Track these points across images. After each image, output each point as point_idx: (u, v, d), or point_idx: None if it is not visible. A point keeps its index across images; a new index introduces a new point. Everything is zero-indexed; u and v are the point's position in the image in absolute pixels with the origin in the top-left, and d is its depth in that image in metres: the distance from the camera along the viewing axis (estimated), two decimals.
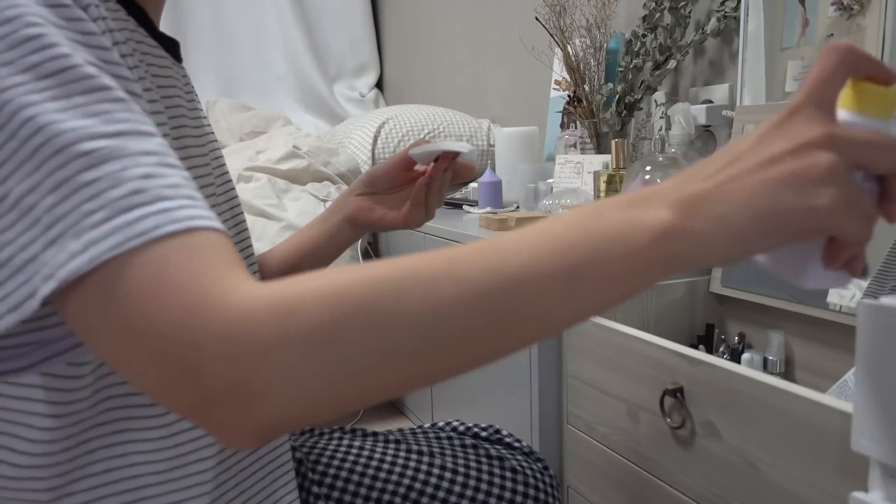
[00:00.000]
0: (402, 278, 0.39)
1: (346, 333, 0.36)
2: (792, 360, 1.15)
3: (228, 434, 0.37)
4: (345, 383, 0.37)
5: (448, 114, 2.31)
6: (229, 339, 0.36)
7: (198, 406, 0.37)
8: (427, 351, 0.38)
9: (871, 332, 0.46)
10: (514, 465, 0.82)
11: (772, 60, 1.20)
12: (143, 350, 0.37)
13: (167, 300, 0.36)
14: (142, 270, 0.37)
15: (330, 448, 0.80)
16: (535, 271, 0.38)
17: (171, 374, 0.36)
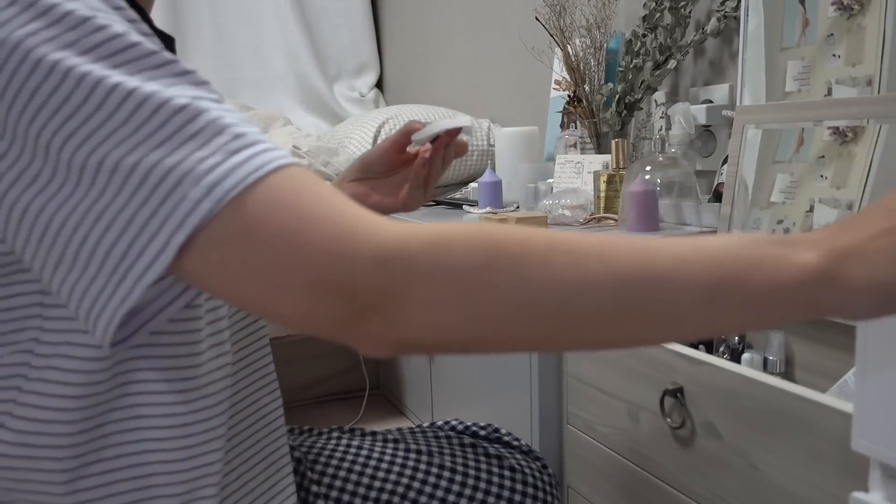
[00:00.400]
0: (554, 244, 0.40)
1: (495, 278, 0.39)
2: (792, 360, 1.15)
3: (371, 343, 0.40)
4: (482, 324, 0.39)
5: (448, 114, 2.31)
6: (386, 264, 0.39)
7: (347, 320, 0.40)
8: (563, 316, 0.40)
9: (870, 332, 0.46)
10: (513, 463, 0.82)
11: (772, 60, 1.20)
12: (296, 283, 0.39)
13: (314, 234, 0.39)
14: (273, 204, 0.40)
15: (329, 447, 0.80)
16: (679, 275, 0.40)
17: (325, 299, 0.39)
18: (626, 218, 1.28)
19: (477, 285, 0.39)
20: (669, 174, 1.32)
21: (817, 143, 1.10)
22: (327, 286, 0.39)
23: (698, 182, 1.38)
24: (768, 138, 1.19)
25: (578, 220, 1.41)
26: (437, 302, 0.39)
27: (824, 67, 1.12)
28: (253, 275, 0.40)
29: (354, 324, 0.40)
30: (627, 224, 1.27)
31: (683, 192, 1.32)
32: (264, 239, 0.40)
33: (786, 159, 1.15)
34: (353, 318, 0.39)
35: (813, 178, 1.10)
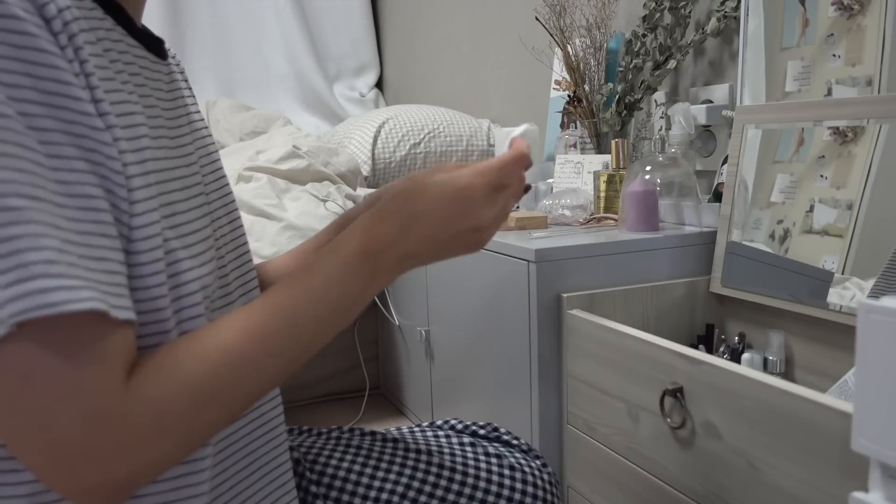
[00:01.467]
0: (238, 367, 0.49)
1: (204, 415, 0.48)
2: (792, 360, 1.15)
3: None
4: (192, 446, 0.49)
5: (448, 114, 2.31)
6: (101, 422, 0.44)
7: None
8: (250, 404, 0.52)
9: (871, 332, 0.46)
10: (513, 462, 0.82)
11: (772, 60, 1.20)
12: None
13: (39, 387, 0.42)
14: (15, 355, 0.41)
15: (328, 447, 0.80)
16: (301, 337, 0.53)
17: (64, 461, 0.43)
18: (626, 218, 1.28)
19: (189, 429, 0.47)
20: (669, 174, 1.32)
21: (817, 143, 1.10)
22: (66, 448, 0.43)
23: (698, 182, 1.38)
24: (768, 138, 1.19)
25: (578, 220, 1.41)
26: (159, 453, 0.46)
27: (824, 67, 1.12)
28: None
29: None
30: (627, 224, 1.27)
31: (683, 192, 1.33)
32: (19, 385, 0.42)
33: (786, 159, 1.15)
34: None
35: (813, 177, 1.10)
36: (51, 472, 0.43)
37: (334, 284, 0.54)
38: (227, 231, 0.66)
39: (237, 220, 0.69)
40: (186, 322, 0.53)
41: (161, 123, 0.57)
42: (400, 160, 2.19)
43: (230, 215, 0.68)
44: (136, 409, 0.44)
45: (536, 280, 1.15)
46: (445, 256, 0.60)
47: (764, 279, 1.16)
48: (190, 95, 0.67)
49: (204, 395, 0.47)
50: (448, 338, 1.58)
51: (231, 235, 0.67)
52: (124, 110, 0.51)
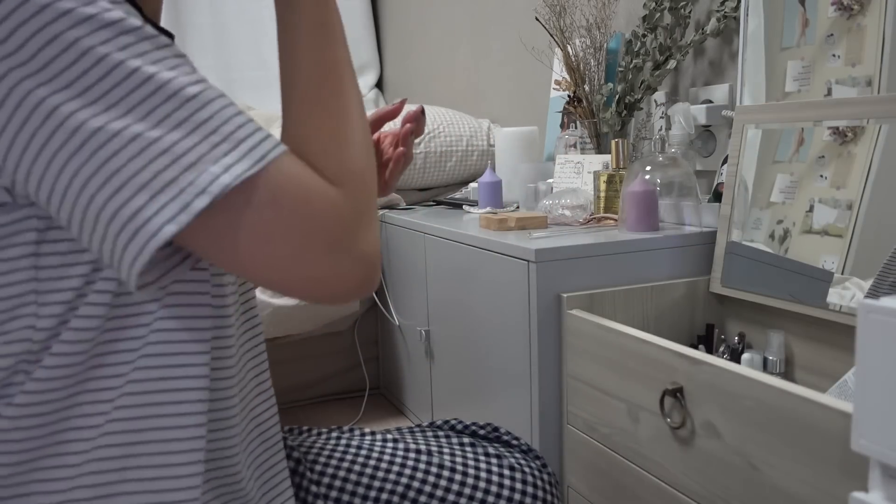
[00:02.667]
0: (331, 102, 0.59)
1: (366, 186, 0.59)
2: (792, 360, 1.15)
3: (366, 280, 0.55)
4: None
5: (448, 114, 2.31)
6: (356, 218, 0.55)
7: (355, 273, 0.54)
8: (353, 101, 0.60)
9: (870, 332, 0.46)
10: (513, 462, 0.82)
11: (772, 60, 1.20)
12: (316, 245, 0.52)
13: (314, 204, 0.51)
14: (280, 182, 0.50)
15: (328, 447, 0.80)
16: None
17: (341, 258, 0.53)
18: (626, 218, 1.28)
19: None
20: (669, 174, 1.32)
21: (817, 143, 1.10)
22: (325, 238, 0.52)
23: (698, 182, 1.38)
24: (768, 138, 1.19)
25: (578, 220, 1.41)
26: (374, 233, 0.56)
27: (824, 67, 1.12)
28: (265, 236, 0.50)
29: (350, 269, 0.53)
30: (627, 224, 1.28)
31: (683, 192, 1.33)
32: (276, 204, 0.50)
33: (786, 159, 1.15)
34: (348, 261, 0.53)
35: (813, 177, 1.10)
36: (332, 266, 0.52)
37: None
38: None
39: None
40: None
41: None
42: None
43: None
44: (346, 186, 0.54)
45: (536, 280, 1.15)
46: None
47: (764, 279, 1.16)
48: None
49: (339, 134, 0.57)
50: (448, 338, 1.58)
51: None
52: None
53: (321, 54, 0.59)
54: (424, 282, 1.68)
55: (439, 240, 1.55)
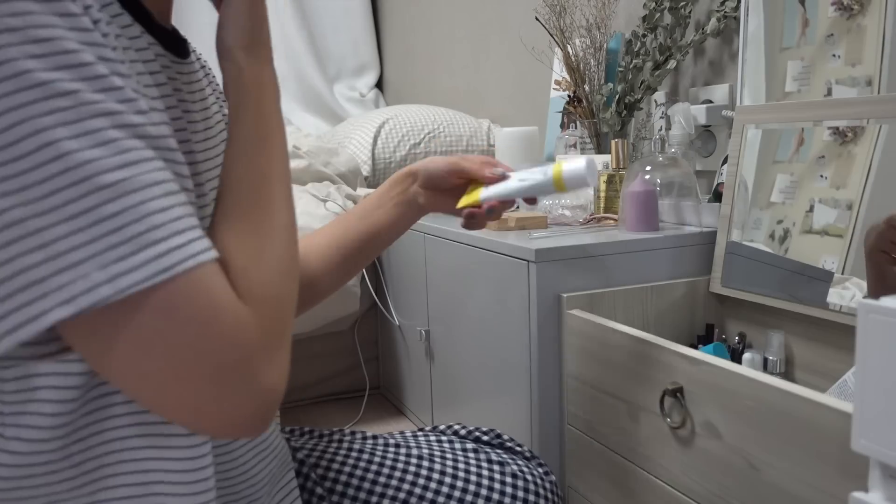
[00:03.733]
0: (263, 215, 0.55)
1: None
2: (792, 360, 1.15)
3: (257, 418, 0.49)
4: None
5: (448, 114, 2.31)
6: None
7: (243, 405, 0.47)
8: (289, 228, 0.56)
9: (870, 332, 0.46)
10: (515, 469, 0.82)
11: (772, 60, 1.20)
12: (201, 370, 0.45)
13: (216, 325, 0.45)
14: (185, 293, 0.44)
15: (330, 450, 0.80)
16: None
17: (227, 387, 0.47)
18: (626, 218, 1.28)
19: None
20: (669, 174, 1.32)
21: (817, 143, 1.10)
22: (223, 370, 0.46)
23: (698, 182, 1.38)
24: (768, 138, 1.19)
25: (578, 220, 1.41)
26: (283, 360, 0.51)
27: (824, 67, 1.12)
28: (155, 352, 0.44)
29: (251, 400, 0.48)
30: (627, 224, 1.28)
31: (683, 192, 1.33)
32: (169, 323, 0.44)
33: (786, 159, 1.15)
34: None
35: (813, 178, 1.10)
36: (220, 396, 0.46)
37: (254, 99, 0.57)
38: None
39: None
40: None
41: (183, 126, 0.57)
42: (400, 160, 2.19)
43: None
44: (256, 310, 0.48)
45: (536, 280, 1.15)
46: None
47: (764, 279, 1.16)
48: (211, 92, 0.67)
49: (261, 252, 0.52)
50: (448, 338, 1.58)
51: None
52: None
53: (254, 168, 0.54)
54: (424, 282, 1.68)
55: (439, 240, 1.55)
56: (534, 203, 0.82)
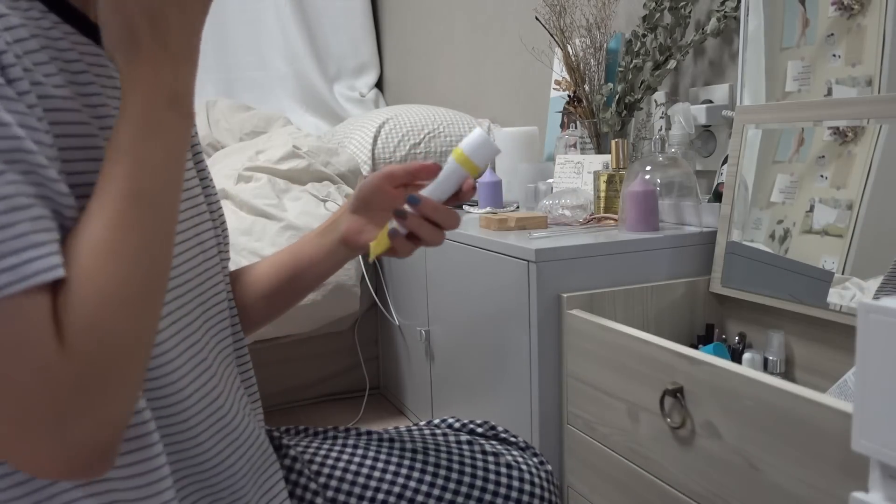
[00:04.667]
0: (120, 260, 0.48)
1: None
2: (792, 360, 1.15)
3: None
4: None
5: (448, 114, 2.31)
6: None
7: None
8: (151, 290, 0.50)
9: (870, 332, 0.46)
10: (510, 460, 0.82)
11: (772, 60, 1.20)
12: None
13: (14, 362, 0.42)
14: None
15: (324, 447, 0.80)
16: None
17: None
18: (626, 218, 1.28)
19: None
20: (669, 174, 1.32)
21: (817, 143, 1.10)
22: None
23: (698, 182, 1.38)
24: (768, 138, 1.19)
25: (578, 220, 1.41)
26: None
27: (824, 67, 1.12)
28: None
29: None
30: (627, 224, 1.27)
31: (683, 192, 1.33)
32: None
33: (786, 159, 1.15)
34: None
35: (813, 177, 1.10)
36: (27, 439, 0.43)
37: (147, 147, 0.49)
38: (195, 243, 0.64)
39: (218, 220, 0.69)
40: None
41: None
42: (400, 160, 2.19)
43: (215, 214, 0.68)
44: (75, 348, 0.44)
45: (536, 280, 1.15)
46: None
47: (764, 279, 1.16)
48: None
49: (112, 302, 0.46)
50: (448, 338, 1.58)
51: (199, 249, 0.64)
52: (63, 105, 0.51)
53: (115, 181, 0.48)
54: (424, 282, 1.68)
55: None
56: (459, 203, 0.74)
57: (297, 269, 0.79)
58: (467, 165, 0.71)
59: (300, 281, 0.79)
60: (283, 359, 2.03)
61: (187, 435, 0.59)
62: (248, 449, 0.66)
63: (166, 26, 0.50)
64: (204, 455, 0.60)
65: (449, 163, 0.72)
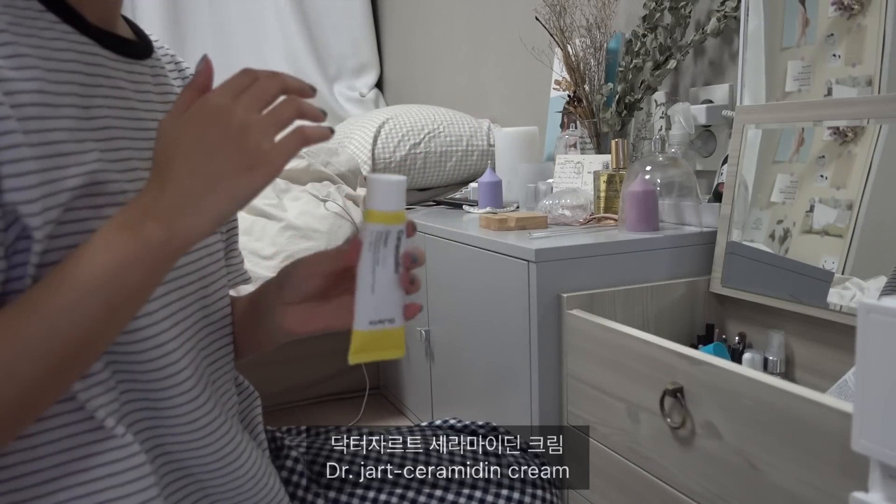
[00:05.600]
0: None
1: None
2: (792, 360, 1.15)
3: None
4: None
5: (448, 114, 2.31)
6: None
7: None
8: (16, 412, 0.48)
9: (870, 332, 0.46)
10: (511, 461, 0.82)
11: (772, 60, 1.20)
12: None
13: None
14: None
15: (327, 447, 0.80)
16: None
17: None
18: (626, 218, 1.28)
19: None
20: (669, 174, 1.32)
21: (817, 143, 1.10)
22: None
23: (698, 182, 1.38)
24: (768, 138, 1.18)
25: (578, 220, 1.41)
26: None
27: (824, 67, 1.12)
28: None
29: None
30: (627, 224, 1.27)
31: (683, 192, 1.33)
32: None
33: (786, 159, 1.15)
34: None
35: (813, 177, 1.10)
36: None
37: (93, 268, 0.47)
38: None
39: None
40: None
41: (119, 123, 0.56)
42: (400, 160, 2.19)
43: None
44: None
45: (536, 280, 1.15)
46: (224, 184, 0.48)
47: (764, 279, 1.15)
48: (156, 97, 0.65)
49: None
50: (448, 338, 1.58)
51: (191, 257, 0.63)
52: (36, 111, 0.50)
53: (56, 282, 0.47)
54: (424, 282, 1.68)
55: (439, 240, 1.55)
56: (396, 271, 0.57)
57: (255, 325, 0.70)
58: (381, 218, 0.55)
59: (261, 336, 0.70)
60: (283, 359, 2.03)
61: (189, 436, 0.59)
62: (245, 449, 0.66)
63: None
64: (206, 458, 0.61)
65: (363, 230, 0.56)
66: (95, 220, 0.52)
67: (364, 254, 0.55)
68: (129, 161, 0.57)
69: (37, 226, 0.48)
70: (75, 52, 0.54)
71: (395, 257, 0.56)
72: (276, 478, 0.70)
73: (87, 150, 0.52)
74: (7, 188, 0.47)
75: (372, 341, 0.56)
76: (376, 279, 0.55)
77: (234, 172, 0.48)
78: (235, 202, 0.49)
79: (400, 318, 0.58)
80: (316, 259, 0.62)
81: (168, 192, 0.48)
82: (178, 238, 0.48)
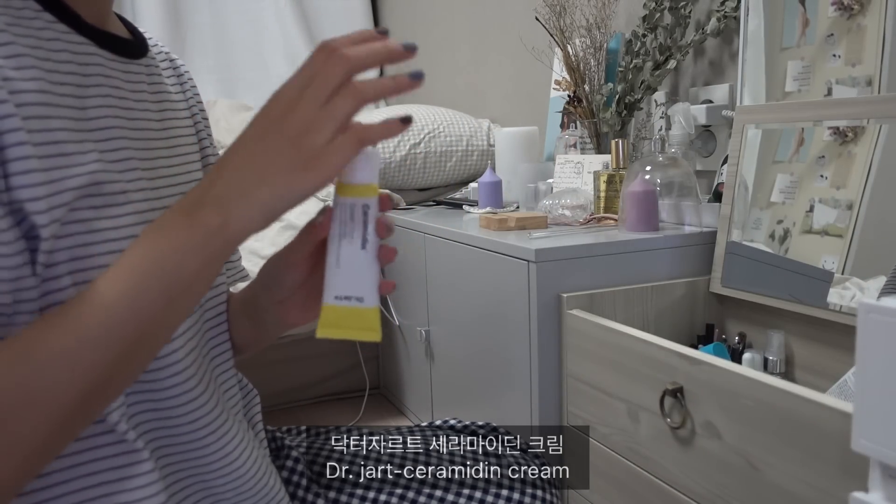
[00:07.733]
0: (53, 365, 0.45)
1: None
2: (792, 360, 1.15)
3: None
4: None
5: (448, 114, 2.31)
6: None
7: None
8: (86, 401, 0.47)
9: (870, 332, 0.46)
10: (511, 461, 0.82)
11: (772, 60, 1.20)
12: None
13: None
14: None
15: (327, 447, 0.80)
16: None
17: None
18: (627, 218, 1.28)
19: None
20: (669, 174, 1.32)
21: (817, 143, 1.10)
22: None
23: (698, 182, 1.38)
24: (768, 138, 1.19)
25: (578, 220, 1.41)
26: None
27: (824, 67, 1.12)
28: None
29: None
30: (627, 224, 1.27)
31: (683, 192, 1.33)
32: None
33: (786, 159, 1.15)
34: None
35: (813, 177, 1.10)
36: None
37: (151, 253, 0.47)
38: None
39: None
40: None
41: (117, 122, 0.56)
42: (400, 160, 2.19)
43: None
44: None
45: (536, 280, 1.15)
46: (276, 179, 0.47)
47: (764, 279, 1.16)
48: (183, 100, 0.65)
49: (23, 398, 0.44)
50: (448, 338, 1.58)
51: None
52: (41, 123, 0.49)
53: (99, 297, 0.47)
54: (424, 282, 1.67)
55: (439, 240, 1.55)
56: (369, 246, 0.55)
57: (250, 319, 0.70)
58: (343, 190, 0.54)
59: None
60: (283, 359, 2.03)
61: (192, 435, 0.59)
62: (247, 448, 0.66)
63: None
64: (209, 457, 0.61)
65: (336, 203, 0.54)
66: (97, 220, 0.51)
67: (332, 226, 0.54)
68: (129, 161, 0.56)
69: (43, 223, 0.48)
70: (71, 52, 0.54)
71: (363, 232, 0.54)
72: (277, 477, 0.70)
73: (86, 150, 0.52)
74: (15, 185, 0.47)
75: (340, 318, 0.54)
76: (342, 253, 0.54)
77: (288, 170, 0.47)
78: (286, 199, 0.48)
79: (371, 299, 0.54)
80: (289, 249, 0.61)
81: (222, 179, 0.48)
82: (231, 224, 0.47)
